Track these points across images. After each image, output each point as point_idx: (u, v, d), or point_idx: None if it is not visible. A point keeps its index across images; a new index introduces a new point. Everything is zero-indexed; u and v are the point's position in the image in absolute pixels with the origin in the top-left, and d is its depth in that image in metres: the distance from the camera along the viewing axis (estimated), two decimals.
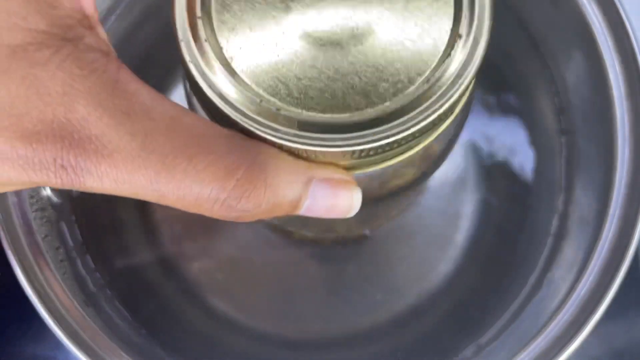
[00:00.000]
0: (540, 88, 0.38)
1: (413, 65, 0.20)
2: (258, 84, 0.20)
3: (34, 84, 0.18)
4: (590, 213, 0.34)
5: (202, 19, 0.20)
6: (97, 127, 0.18)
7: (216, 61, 0.20)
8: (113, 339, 0.31)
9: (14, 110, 0.18)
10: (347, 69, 0.20)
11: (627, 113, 0.32)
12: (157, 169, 0.19)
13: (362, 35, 0.20)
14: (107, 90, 0.19)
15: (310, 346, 0.39)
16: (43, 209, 0.32)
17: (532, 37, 0.37)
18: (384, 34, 0.20)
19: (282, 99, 0.20)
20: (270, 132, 0.20)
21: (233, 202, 0.19)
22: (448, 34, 0.20)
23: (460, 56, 0.20)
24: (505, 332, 0.34)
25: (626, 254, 0.30)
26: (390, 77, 0.20)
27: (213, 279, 0.39)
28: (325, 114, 0.20)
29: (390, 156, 0.22)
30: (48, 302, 0.30)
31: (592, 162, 0.34)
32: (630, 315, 0.41)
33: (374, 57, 0.20)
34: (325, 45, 0.20)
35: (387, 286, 0.40)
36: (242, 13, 0.20)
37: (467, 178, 0.40)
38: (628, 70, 0.32)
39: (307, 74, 0.20)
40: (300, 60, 0.20)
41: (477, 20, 0.20)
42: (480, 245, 0.40)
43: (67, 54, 0.19)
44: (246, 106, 0.20)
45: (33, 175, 0.18)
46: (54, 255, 0.32)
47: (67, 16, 0.19)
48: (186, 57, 0.20)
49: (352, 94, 0.20)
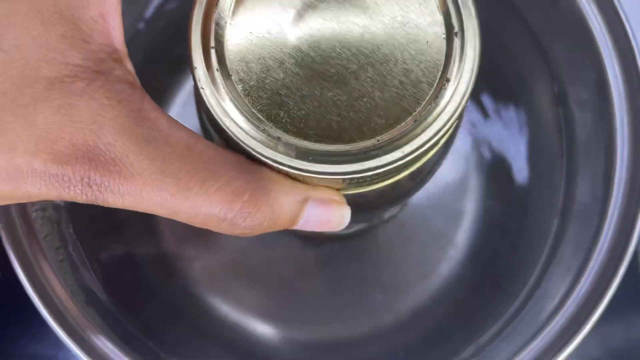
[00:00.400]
0: (540, 89, 0.38)
1: (404, 103, 0.22)
2: (262, 112, 0.22)
3: (68, 112, 0.20)
4: (589, 213, 0.34)
5: (215, 49, 0.22)
6: (121, 151, 0.21)
7: (225, 89, 0.22)
8: (113, 339, 0.31)
9: (50, 135, 0.20)
10: (344, 102, 0.22)
11: (626, 113, 0.32)
12: (173, 191, 0.21)
13: (360, 71, 0.22)
14: (131, 118, 0.21)
15: (310, 346, 0.39)
16: (44, 209, 0.32)
17: (533, 38, 0.37)
18: (380, 71, 0.22)
19: (283, 128, 0.22)
20: (271, 158, 0.22)
21: (239, 220, 0.22)
22: (438, 77, 0.22)
23: (447, 97, 0.22)
24: (505, 332, 0.34)
25: (625, 254, 0.30)
26: (383, 113, 0.22)
27: (213, 279, 0.39)
28: (321, 143, 0.22)
29: (378, 181, 0.24)
30: (49, 301, 0.30)
31: (591, 162, 0.34)
32: (629, 315, 0.41)
33: (369, 93, 0.22)
34: (326, 79, 0.22)
35: (387, 286, 0.40)
36: (252, 45, 0.22)
37: (468, 179, 0.40)
38: (627, 70, 0.32)
39: (307, 105, 0.22)
40: (302, 92, 0.22)
41: (465, 65, 0.22)
42: (481, 245, 0.40)
43: (98, 85, 0.21)
44: (251, 133, 0.22)
45: (62, 191, 0.21)
46: (55, 255, 0.32)
47: (99, 50, 0.21)
48: (199, 84, 0.22)
49: (346, 127, 0.22)
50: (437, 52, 0.22)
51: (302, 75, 0.22)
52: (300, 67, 0.22)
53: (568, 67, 0.36)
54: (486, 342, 0.35)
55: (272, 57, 0.22)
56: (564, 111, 0.37)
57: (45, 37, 0.21)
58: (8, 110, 0.20)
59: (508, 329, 0.34)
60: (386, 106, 0.22)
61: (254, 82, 0.22)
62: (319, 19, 0.23)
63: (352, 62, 0.22)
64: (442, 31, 0.22)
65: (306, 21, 0.23)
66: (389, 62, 0.22)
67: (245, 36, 0.23)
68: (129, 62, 0.22)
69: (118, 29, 0.22)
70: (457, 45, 0.22)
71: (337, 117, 0.22)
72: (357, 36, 0.23)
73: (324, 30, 0.23)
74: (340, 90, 0.22)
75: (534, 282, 0.35)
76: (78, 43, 0.21)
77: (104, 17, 0.22)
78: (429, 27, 0.23)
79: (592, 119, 0.35)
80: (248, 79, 0.22)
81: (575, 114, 0.36)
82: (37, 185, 0.20)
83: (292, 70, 0.22)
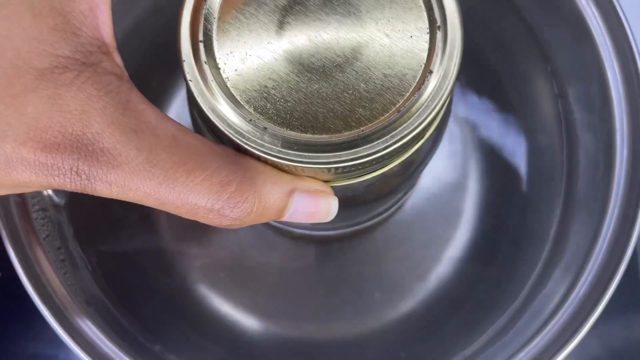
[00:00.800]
0: (540, 89, 0.38)
1: (388, 95, 0.23)
2: (249, 103, 0.23)
3: (57, 103, 0.21)
4: (589, 213, 0.34)
5: (203, 43, 0.23)
6: (109, 141, 0.21)
7: (213, 81, 0.23)
8: (113, 338, 0.31)
9: (39, 124, 0.21)
10: (329, 94, 0.23)
11: (625, 114, 0.32)
12: (159, 181, 0.21)
13: (345, 64, 0.23)
14: (119, 109, 0.21)
15: (309, 345, 0.39)
16: (44, 209, 0.32)
17: (533, 38, 0.37)
18: (365, 64, 0.23)
19: (269, 119, 0.23)
20: (257, 147, 0.22)
21: (226, 211, 0.22)
22: (421, 69, 0.23)
23: (430, 89, 0.23)
24: (504, 332, 0.34)
25: (624, 254, 0.30)
26: (367, 104, 0.23)
27: (213, 278, 0.39)
28: (306, 134, 0.23)
29: (364, 172, 0.25)
30: (49, 301, 0.30)
31: (591, 162, 0.34)
32: (629, 315, 0.42)
33: (354, 86, 0.23)
34: (312, 72, 0.23)
35: (387, 285, 0.40)
36: (239, 38, 0.23)
37: (467, 178, 0.40)
38: (627, 70, 0.32)
39: (294, 97, 0.23)
40: (289, 84, 0.23)
41: (448, 57, 0.23)
42: (480, 245, 0.40)
43: (87, 77, 0.21)
44: (238, 124, 0.23)
45: (51, 179, 0.21)
46: (55, 254, 0.32)
47: (88, 43, 0.22)
48: (187, 76, 0.23)
49: (331, 118, 0.23)
50: (421, 45, 0.23)
51: (289, 68, 0.23)
52: (286, 61, 0.23)
53: (568, 67, 0.36)
54: (486, 342, 0.35)
55: (260, 50, 0.23)
56: (563, 111, 0.37)
57: (36, 29, 0.21)
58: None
59: (508, 329, 0.34)
60: (370, 98, 0.23)
61: (241, 75, 0.23)
62: (306, 13, 0.23)
63: (337, 55, 0.23)
64: (426, 25, 0.23)
65: (294, 16, 0.23)
66: (373, 55, 0.23)
67: (233, 30, 0.23)
68: (117, 55, 0.23)
69: (107, 23, 0.22)
70: (439, 38, 0.23)
71: (322, 108, 0.23)
72: (342, 30, 0.23)
73: (311, 24, 0.23)
74: (325, 82, 0.23)
75: (534, 282, 0.35)
76: (68, 36, 0.21)
77: (93, 12, 0.22)
78: (413, 21, 0.23)
79: (591, 119, 0.35)
80: (235, 72, 0.23)
81: (575, 114, 0.36)
82: (26, 173, 0.21)
83: (278, 63, 0.23)
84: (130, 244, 0.38)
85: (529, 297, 0.35)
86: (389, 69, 0.23)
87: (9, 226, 0.30)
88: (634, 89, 0.32)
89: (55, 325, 0.29)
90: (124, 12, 0.37)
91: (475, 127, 0.40)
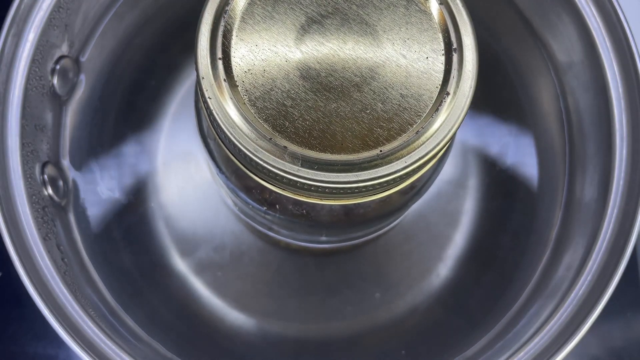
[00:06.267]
0: (541, 89, 0.38)
1: (405, 115, 0.23)
2: (268, 121, 0.23)
3: None
4: (589, 213, 0.34)
5: (222, 60, 0.23)
6: None
7: (232, 99, 0.22)
8: (114, 338, 0.31)
9: None
10: (347, 113, 0.23)
11: (625, 113, 0.32)
12: None
13: (363, 84, 0.23)
14: None
15: (310, 346, 0.39)
16: (44, 209, 0.32)
17: (533, 38, 0.37)
18: (382, 84, 0.23)
19: (288, 137, 0.23)
20: (279, 167, 0.22)
21: None
22: (437, 90, 0.23)
23: (447, 110, 0.23)
24: (505, 332, 0.34)
25: (624, 253, 0.30)
26: (385, 124, 0.23)
27: (213, 278, 0.39)
28: (325, 153, 0.23)
29: (378, 192, 0.25)
30: (50, 301, 0.30)
31: (591, 162, 0.35)
32: (628, 314, 0.42)
33: (372, 105, 0.23)
34: (329, 91, 0.23)
35: (387, 285, 0.40)
36: (257, 57, 0.23)
37: (467, 178, 0.40)
38: (626, 70, 0.32)
39: (312, 116, 0.23)
40: (307, 102, 0.23)
41: (464, 79, 0.23)
42: (480, 245, 0.40)
43: None
44: (258, 142, 0.22)
45: None
46: (56, 254, 0.32)
47: None
48: (206, 94, 0.22)
49: (350, 137, 0.23)
50: (436, 66, 0.23)
51: (307, 87, 0.23)
52: (304, 79, 0.23)
53: (568, 67, 0.36)
54: (487, 342, 0.35)
55: (278, 69, 0.23)
56: (564, 111, 0.37)
57: None
58: None
59: (509, 328, 0.34)
60: (388, 118, 0.23)
61: (259, 92, 0.23)
62: (323, 33, 0.23)
63: (355, 75, 0.23)
64: (441, 47, 0.23)
65: (311, 35, 0.23)
66: (390, 75, 0.23)
67: (251, 49, 0.23)
68: None
69: None
70: (455, 60, 0.23)
71: (340, 127, 0.23)
72: (360, 50, 0.23)
73: (328, 45, 0.23)
74: (343, 102, 0.23)
75: (535, 281, 0.35)
76: None
77: None
78: (429, 42, 0.23)
79: (591, 119, 0.35)
80: (254, 90, 0.23)
81: (575, 114, 0.36)
82: None
83: (296, 82, 0.23)
84: (130, 244, 0.38)
85: (530, 297, 0.35)
86: (406, 90, 0.23)
87: (9, 225, 0.30)
88: (633, 89, 0.32)
89: (55, 325, 0.29)
90: (125, 11, 0.37)
91: (475, 126, 0.41)
